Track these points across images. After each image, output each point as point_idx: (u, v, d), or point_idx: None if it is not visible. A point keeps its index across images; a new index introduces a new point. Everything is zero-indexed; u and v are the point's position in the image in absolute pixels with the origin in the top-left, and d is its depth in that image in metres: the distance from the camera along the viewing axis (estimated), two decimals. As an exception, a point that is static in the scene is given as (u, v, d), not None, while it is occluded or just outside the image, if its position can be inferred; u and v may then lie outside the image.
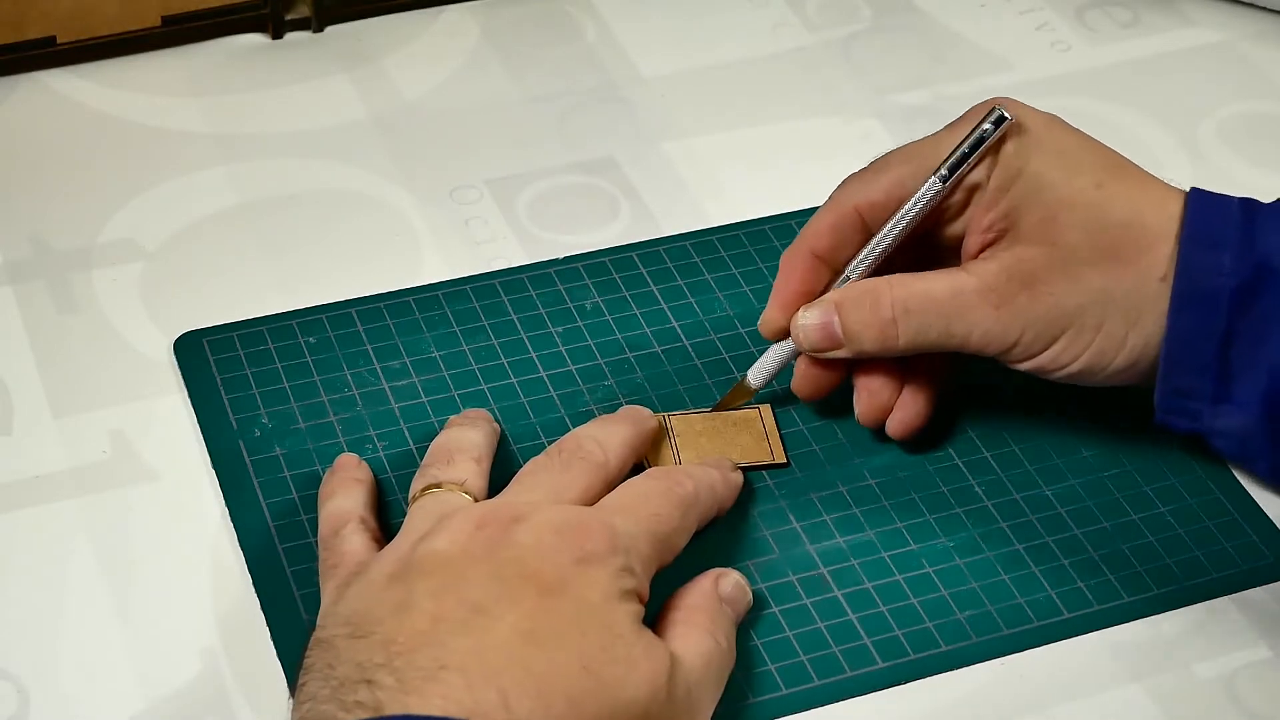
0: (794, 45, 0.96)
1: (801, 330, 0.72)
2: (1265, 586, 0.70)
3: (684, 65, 0.94)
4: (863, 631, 0.67)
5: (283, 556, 0.69)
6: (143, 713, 0.64)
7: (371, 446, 0.73)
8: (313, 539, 0.69)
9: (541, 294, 0.80)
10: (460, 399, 0.75)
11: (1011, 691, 0.66)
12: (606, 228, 0.84)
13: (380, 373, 0.76)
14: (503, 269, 0.81)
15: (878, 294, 0.70)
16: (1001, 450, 0.74)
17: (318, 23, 0.94)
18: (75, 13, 0.89)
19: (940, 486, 0.73)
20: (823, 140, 0.90)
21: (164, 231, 0.83)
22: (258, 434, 0.73)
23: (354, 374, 0.76)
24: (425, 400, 0.75)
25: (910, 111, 0.91)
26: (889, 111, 0.91)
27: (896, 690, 0.66)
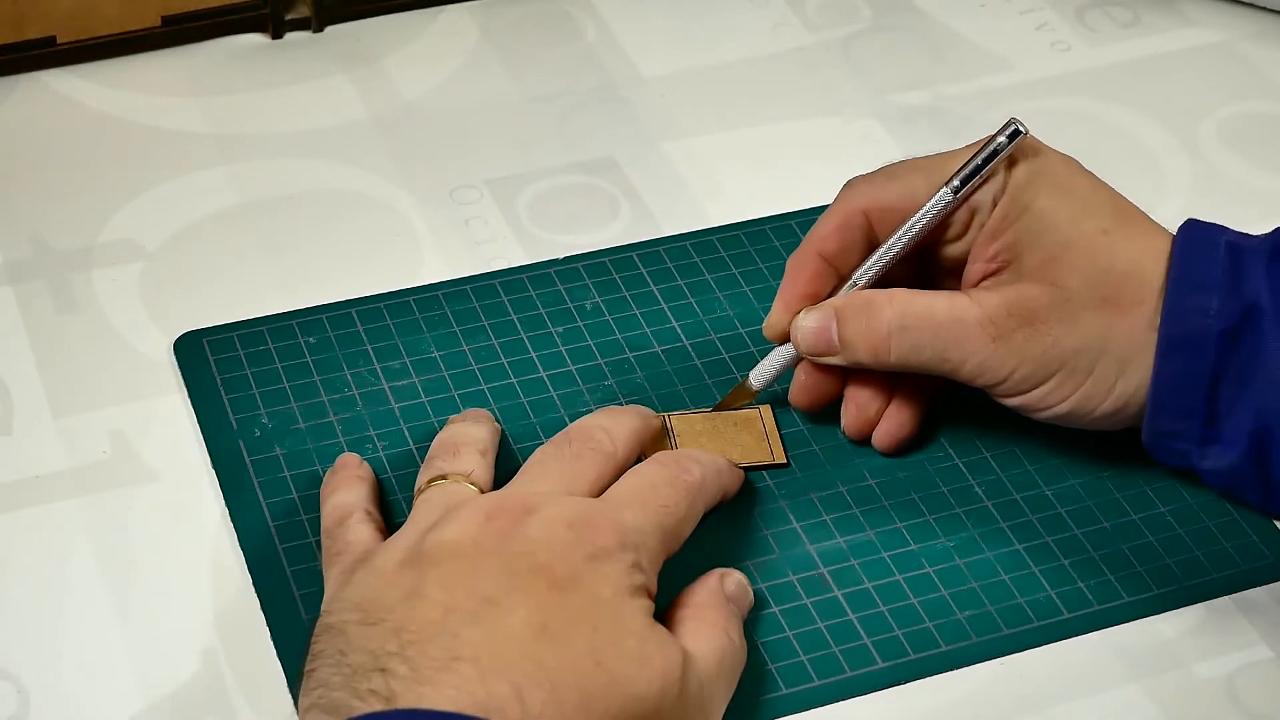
0: (794, 45, 0.96)
1: (799, 332, 0.72)
2: (1265, 586, 0.70)
3: (684, 65, 0.94)
4: (863, 631, 0.67)
5: (283, 557, 0.69)
6: (143, 713, 0.64)
7: (371, 446, 0.73)
8: (313, 539, 0.69)
9: (541, 294, 0.80)
10: (460, 399, 0.75)
11: (1011, 691, 0.66)
12: (606, 228, 0.84)
13: (380, 373, 0.76)
14: (503, 269, 0.81)
15: (877, 306, 0.70)
16: (1001, 450, 0.74)
17: (318, 23, 0.94)
18: (75, 13, 0.89)
19: (940, 486, 0.73)
20: (823, 140, 0.90)
21: (164, 231, 0.83)
22: (258, 434, 0.73)
23: (354, 374, 0.76)
24: (425, 400, 0.75)
25: (910, 111, 0.91)
26: (889, 111, 0.91)
27: (896, 690, 0.66)
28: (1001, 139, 0.70)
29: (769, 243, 0.83)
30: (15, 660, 0.65)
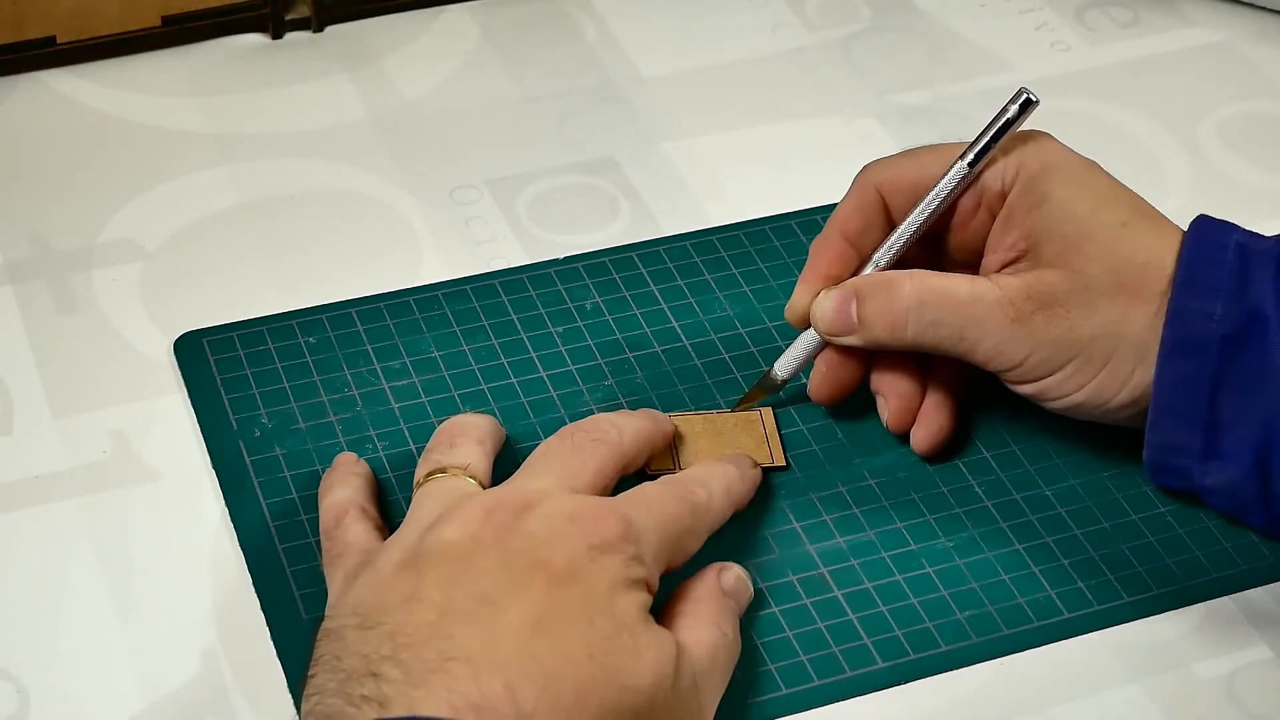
0: (794, 45, 0.96)
1: (819, 311, 0.72)
2: (1265, 586, 0.70)
3: (684, 65, 0.94)
4: (863, 631, 0.67)
5: (283, 556, 0.69)
6: (143, 713, 0.64)
7: (371, 446, 0.73)
8: (313, 539, 0.69)
9: (541, 294, 0.80)
10: (460, 399, 0.75)
11: (1011, 691, 0.66)
12: (606, 228, 0.84)
13: (380, 373, 0.76)
14: (503, 269, 0.81)
15: (897, 284, 0.70)
16: (1001, 450, 0.74)
17: (318, 23, 0.94)
18: (75, 13, 0.89)
19: (940, 486, 0.73)
20: (823, 140, 0.90)
21: (164, 231, 0.83)
22: (258, 434, 0.73)
23: (354, 374, 0.76)
24: (425, 400, 0.75)
25: (910, 111, 0.91)
26: (889, 111, 0.91)
27: (896, 690, 0.66)
28: (1013, 108, 0.70)
29: (769, 243, 0.83)
30: (15, 660, 0.65)
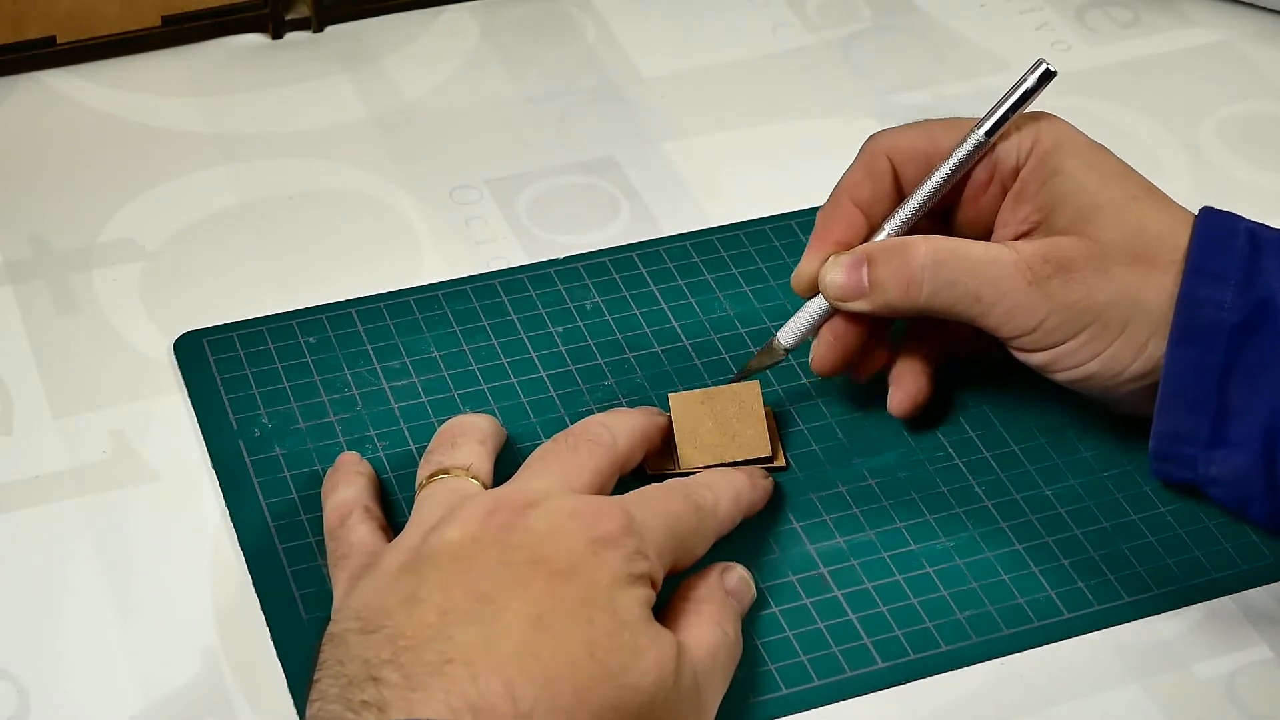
0: (794, 45, 0.96)
1: (828, 274, 0.71)
2: (1265, 586, 0.70)
3: (684, 65, 0.94)
4: (863, 631, 0.67)
5: (283, 556, 0.69)
6: (143, 713, 0.64)
7: (371, 446, 0.73)
8: (313, 539, 0.69)
9: (541, 294, 0.80)
10: (460, 399, 0.75)
11: (1011, 691, 0.66)
12: (606, 228, 0.84)
13: (380, 373, 0.76)
14: (503, 269, 0.81)
15: (911, 245, 0.70)
16: (1001, 450, 0.74)
17: (318, 23, 0.94)
18: (75, 13, 0.89)
19: (940, 486, 0.73)
20: (823, 140, 0.90)
21: (164, 231, 0.83)
22: (258, 434, 0.73)
23: (354, 374, 0.76)
24: (425, 400, 0.75)
25: (910, 111, 0.91)
26: (889, 111, 0.91)
27: (896, 690, 0.66)
28: (1031, 79, 0.70)
29: (769, 243, 0.83)
30: (15, 660, 0.65)
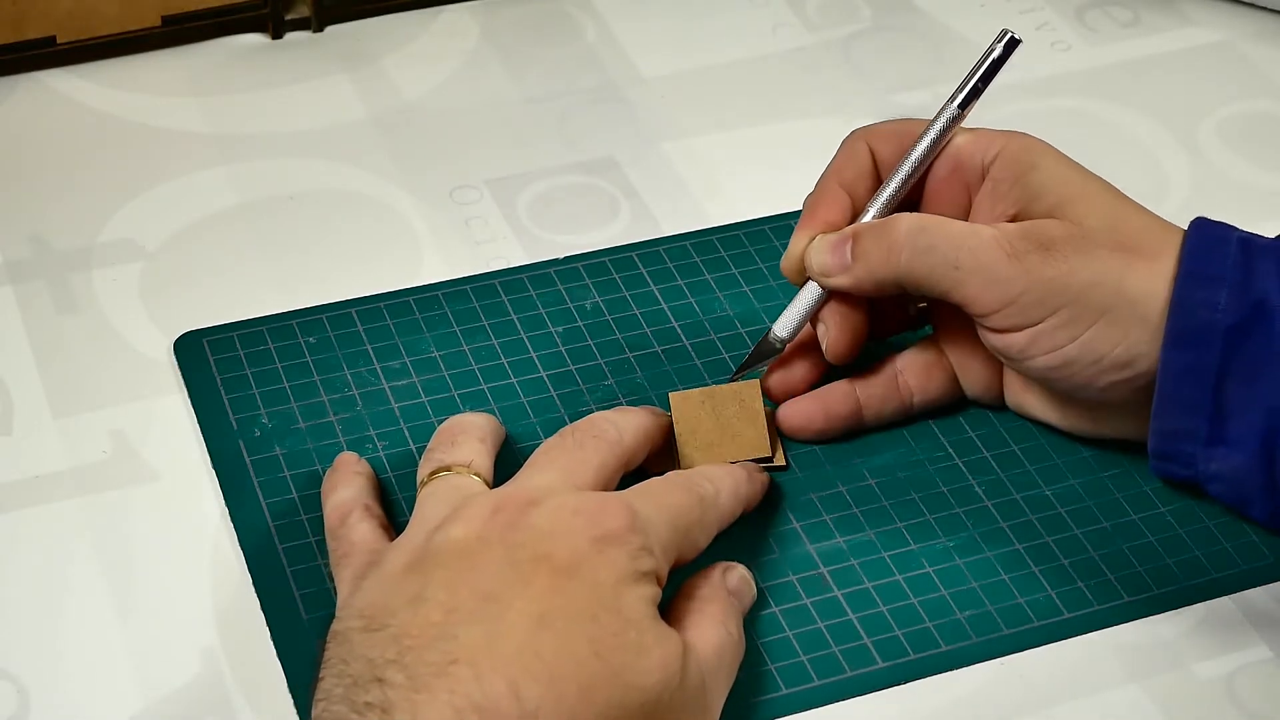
0: (794, 45, 0.96)
1: (814, 252, 0.72)
2: (1265, 586, 0.70)
3: (684, 65, 0.94)
4: (863, 631, 0.67)
5: (283, 556, 0.69)
6: (143, 713, 0.64)
7: (371, 446, 0.73)
8: (313, 539, 0.69)
9: (541, 294, 0.80)
10: (460, 399, 0.75)
11: (1011, 691, 0.66)
12: (606, 228, 0.84)
13: (380, 373, 0.76)
14: (503, 269, 0.81)
15: (896, 219, 0.71)
16: (1001, 450, 0.74)
17: (318, 23, 0.94)
18: (75, 13, 0.89)
19: (940, 486, 0.73)
20: (823, 140, 0.89)
21: (164, 231, 0.83)
22: (258, 434, 0.73)
23: (354, 374, 0.76)
24: (425, 400, 0.75)
25: (910, 112, 0.91)
26: (889, 111, 0.91)
27: (896, 690, 0.66)
28: (998, 48, 0.71)
29: (769, 243, 0.83)
30: (15, 660, 0.65)
